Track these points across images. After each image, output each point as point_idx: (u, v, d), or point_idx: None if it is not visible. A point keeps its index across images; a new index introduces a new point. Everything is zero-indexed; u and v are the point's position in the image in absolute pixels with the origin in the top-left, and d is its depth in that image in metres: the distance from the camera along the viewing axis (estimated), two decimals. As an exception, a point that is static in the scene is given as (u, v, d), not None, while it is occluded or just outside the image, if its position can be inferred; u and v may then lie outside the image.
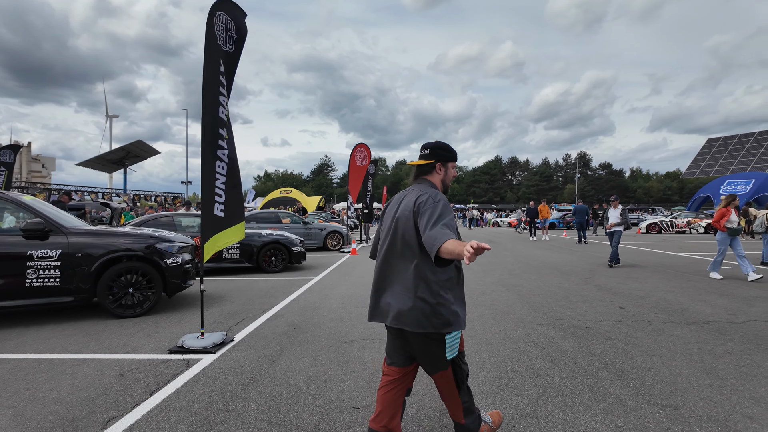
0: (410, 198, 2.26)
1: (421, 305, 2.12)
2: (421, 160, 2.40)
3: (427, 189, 2.28)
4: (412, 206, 2.19)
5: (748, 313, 5.67)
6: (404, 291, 2.17)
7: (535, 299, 6.69)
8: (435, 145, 2.41)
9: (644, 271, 9.48)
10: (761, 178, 22.87)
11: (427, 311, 2.11)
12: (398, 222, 2.25)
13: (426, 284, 2.13)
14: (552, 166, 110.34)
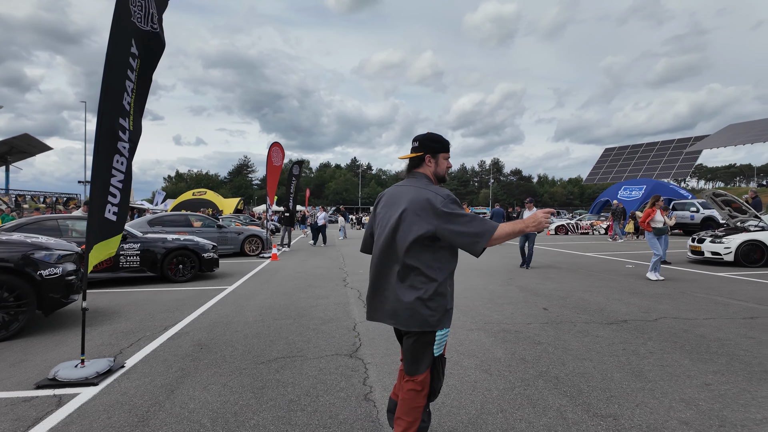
0: (415, 196, 2.19)
1: (418, 303, 2.12)
2: (412, 153, 2.35)
3: (428, 185, 2.24)
4: (424, 205, 2.14)
5: (659, 311, 5.95)
6: (402, 289, 2.16)
7: (462, 302, 6.55)
8: (424, 137, 2.35)
9: (560, 272, 9.87)
10: (651, 183, 25.49)
11: (423, 309, 2.12)
12: (402, 220, 2.18)
13: (425, 281, 2.14)
14: (469, 171, 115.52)
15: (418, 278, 2.15)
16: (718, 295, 6.95)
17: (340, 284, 8.36)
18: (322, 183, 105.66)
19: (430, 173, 2.34)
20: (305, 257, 13.77)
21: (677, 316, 5.61)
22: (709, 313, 5.80)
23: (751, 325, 5.14)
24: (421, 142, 2.33)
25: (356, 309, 6.20)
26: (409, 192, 2.23)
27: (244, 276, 9.62)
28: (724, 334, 4.77)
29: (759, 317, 5.54)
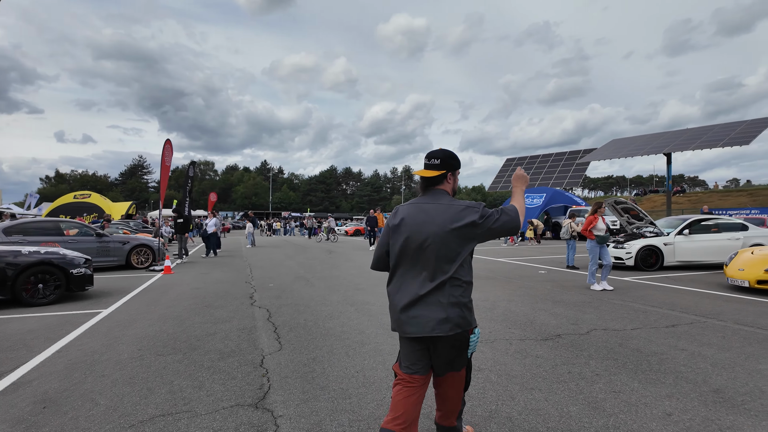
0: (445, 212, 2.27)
1: (457, 310, 2.22)
2: (432, 171, 2.39)
3: (455, 201, 2.32)
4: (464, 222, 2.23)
5: (587, 322, 5.77)
6: (440, 300, 2.22)
7: (387, 320, 5.87)
8: (444, 155, 2.40)
9: (478, 280, 9.66)
10: (551, 192, 27.27)
11: (461, 314, 2.23)
12: (439, 237, 2.24)
13: (459, 289, 2.25)
14: (381, 177, 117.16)
15: (457, 288, 2.25)
16: (632, 302, 7.06)
17: (246, 303, 7.25)
18: (229, 186, 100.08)
19: (449, 189, 2.41)
20: (206, 269, 12.25)
21: (606, 327, 5.45)
22: (633, 322, 5.73)
23: (675, 334, 5.08)
24: (442, 160, 2.38)
25: (265, 336, 5.22)
26: (441, 209, 2.29)
27: (127, 295, 8.06)
28: (657, 347, 4.61)
29: (678, 324, 5.57)
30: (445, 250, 2.23)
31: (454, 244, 2.23)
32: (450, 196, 2.39)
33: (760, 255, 7.85)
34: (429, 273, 2.26)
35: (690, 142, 32.64)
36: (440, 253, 2.23)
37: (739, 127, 30.97)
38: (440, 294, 2.23)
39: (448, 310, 2.22)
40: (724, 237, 11.03)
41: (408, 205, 2.40)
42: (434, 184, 2.39)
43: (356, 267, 12.34)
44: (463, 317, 2.24)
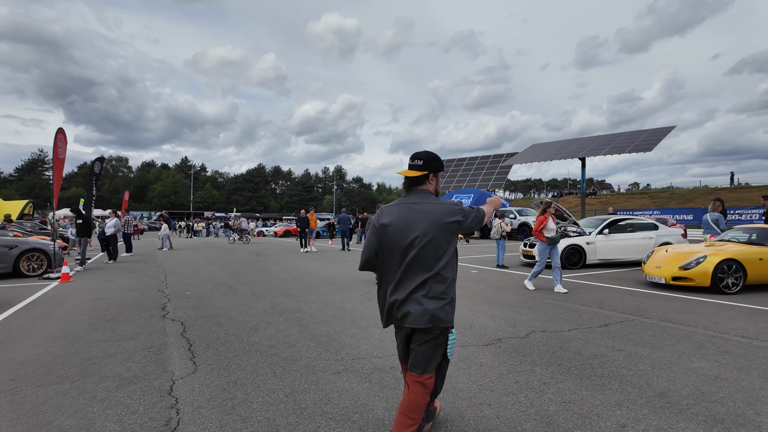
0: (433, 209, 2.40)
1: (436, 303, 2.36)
2: (415, 171, 2.48)
3: (440, 201, 2.44)
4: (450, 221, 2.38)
5: (524, 324, 5.68)
6: (426, 295, 2.36)
7: (321, 330, 5.38)
8: (428, 157, 2.50)
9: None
10: (478, 193, 28.11)
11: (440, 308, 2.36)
12: (427, 236, 2.35)
13: (442, 285, 2.38)
14: (313, 177, 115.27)
15: (440, 284, 2.37)
16: (564, 301, 7.16)
17: (156, 315, 6.38)
18: (145, 185, 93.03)
19: (432, 189, 2.51)
20: (112, 276, 10.90)
21: (544, 329, 5.37)
22: (568, 322, 5.73)
23: (610, 334, 5.11)
24: (425, 161, 2.48)
25: (177, 355, 4.51)
26: (430, 208, 2.40)
27: (9, 309, 6.81)
28: (595, 348, 4.57)
29: (610, 323, 5.64)
30: (434, 247, 2.36)
31: (442, 241, 2.37)
32: (434, 196, 2.50)
33: (674, 253, 8.36)
34: (417, 269, 2.38)
35: (601, 147, 35.35)
36: (429, 250, 2.36)
37: (642, 136, 34.06)
38: (424, 289, 2.36)
39: (428, 304, 2.35)
40: (639, 236, 11.78)
41: (395, 205, 2.49)
42: (417, 184, 2.50)
43: (285, 270, 11.63)
44: (443, 312, 2.37)
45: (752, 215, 27.15)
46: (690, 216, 29.57)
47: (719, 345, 4.67)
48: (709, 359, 4.21)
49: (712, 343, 4.72)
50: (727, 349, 4.54)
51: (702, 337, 4.95)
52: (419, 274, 2.38)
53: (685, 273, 7.79)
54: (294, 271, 11.32)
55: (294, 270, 11.66)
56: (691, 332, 5.18)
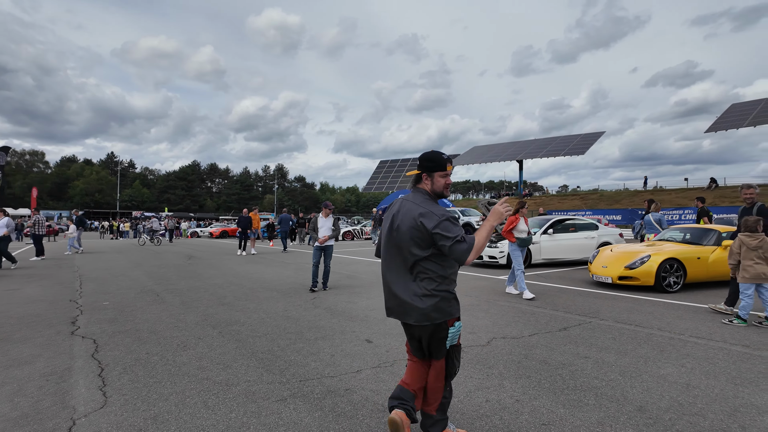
0: (410, 211, 2.46)
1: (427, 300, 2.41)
2: (413, 171, 2.63)
3: (424, 202, 2.46)
4: (415, 220, 2.40)
5: (483, 329, 5.37)
6: (408, 289, 2.45)
7: (262, 345, 4.74)
8: (421, 157, 2.58)
9: (364, 283, 8.96)
10: (423, 193, 28.16)
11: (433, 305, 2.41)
12: (399, 231, 2.47)
13: (432, 282, 2.43)
14: (252, 175, 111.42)
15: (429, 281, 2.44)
16: (517, 303, 6.97)
17: (63, 332, 5.41)
18: (65, 181, 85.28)
19: (428, 189, 2.55)
20: (17, 284, 9.46)
21: (504, 335, 5.08)
22: (526, 326, 5.49)
23: (571, 339, 4.91)
24: (420, 162, 2.57)
25: (84, 382, 3.71)
26: (410, 207, 2.48)
27: None
28: (561, 356, 4.31)
29: (568, 327, 5.47)
30: (408, 243, 2.41)
31: (415, 240, 2.40)
32: (426, 196, 2.52)
33: (619, 253, 8.49)
34: (403, 263, 2.47)
35: (538, 150, 36.87)
36: (407, 245, 2.42)
37: (575, 140, 35.90)
38: (414, 284, 2.44)
39: (419, 301, 2.41)
40: (581, 236, 12.05)
41: (399, 199, 2.62)
42: (416, 183, 2.59)
43: (221, 275, 10.70)
44: (436, 309, 2.41)
45: (673, 216, 29.30)
46: (618, 216, 31.46)
47: (679, 348, 4.58)
48: (674, 364, 4.08)
49: (672, 346, 4.63)
50: (688, 351, 4.45)
51: (660, 340, 4.87)
52: (401, 268, 2.48)
53: (630, 272, 7.91)
54: (231, 276, 10.43)
55: (231, 274, 10.76)
56: (648, 334, 5.10)
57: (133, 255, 17.04)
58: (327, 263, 8.39)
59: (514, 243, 7.64)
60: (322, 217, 8.43)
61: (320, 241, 8.26)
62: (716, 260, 7.97)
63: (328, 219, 8.43)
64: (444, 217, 2.35)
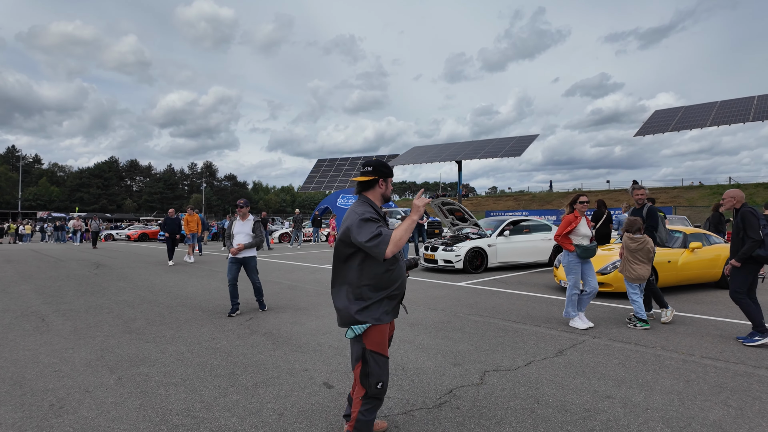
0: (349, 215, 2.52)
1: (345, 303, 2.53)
2: (365, 176, 2.59)
3: (358, 207, 2.53)
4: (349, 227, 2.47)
5: (467, 358, 4.36)
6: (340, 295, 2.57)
7: (176, 401, 3.37)
8: (377, 164, 2.62)
9: (310, 295, 7.67)
10: (364, 193, 27.09)
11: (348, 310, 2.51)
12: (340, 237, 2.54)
13: (349, 287, 2.53)
14: (177, 173, 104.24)
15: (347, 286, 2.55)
16: (490, 317, 6.08)
17: None
18: (-50, 178, 74.35)
19: (378, 194, 2.63)
20: None
21: (497, 367, 4.10)
22: (517, 352, 4.56)
23: (576, 369, 4.03)
24: (375, 168, 2.60)
25: None
26: (348, 212, 2.56)
27: None
28: (577, 396, 3.39)
29: (563, 350, 4.61)
30: (342, 247, 2.54)
31: (347, 244, 2.51)
32: (367, 203, 2.57)
33: (588, 256, 7.91)
34: (336, 268, 2.61)
35: (476, 152, 37.18)
36: (340, 250, 2.55)
37: (511, 142, 36.59)
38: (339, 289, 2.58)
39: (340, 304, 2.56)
40: (537, 237, 11.56)
41: None
42: (364, 190, 2.64)
43: (133, 289, 8.88)
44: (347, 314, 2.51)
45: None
46: (553, 217, 32.40)
47: (704, 376, 3.84)
48: (716, 402, 3.29)
49: (695, 374, 3.89)
50: (718, 382, 3.72)
51: (675, 364, 4.13)
52: (337, 274, 2.60)
53: (602, 278, 7.33)
54: (144, 290, 8.65)
55: (145, 288, 8.96)
56: (657, 356, 4.35)
57: (25, 264, 14.33)
58: (253, 279, 6.61)
59: (572, 253, 5.65)
60: (239, 221, 6.60)
61: (233, 251, 6.41)
62: (686, 263, 7.62)
63: (246, 222, 6.57)
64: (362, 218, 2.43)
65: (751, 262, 4.82)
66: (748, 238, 4.76)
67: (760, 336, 4.69)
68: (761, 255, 4.76)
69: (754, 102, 23.64)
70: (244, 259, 6.52)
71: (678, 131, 24.33)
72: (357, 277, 2.50)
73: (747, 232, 4.77)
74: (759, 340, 4.67)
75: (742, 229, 4.84)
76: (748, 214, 4.85)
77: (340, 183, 48.26)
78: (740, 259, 4.82)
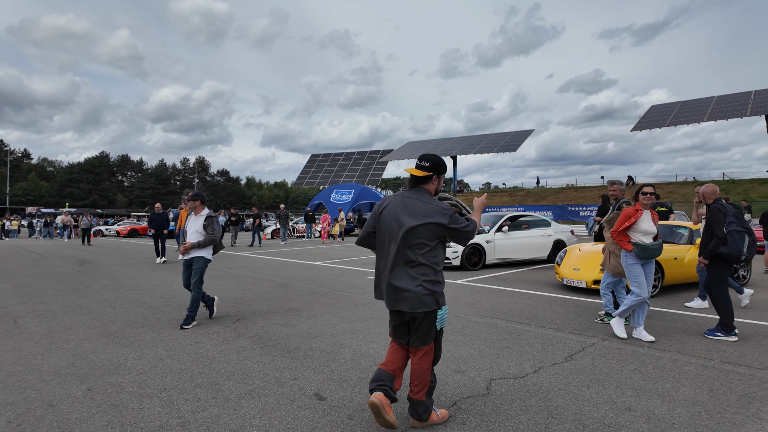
0: (423, 206, 2.70)
1: (420, 289, 2.66)
2: (421, 171, 2.81)
3: (433, 200, 2.76)
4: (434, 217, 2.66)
5: (471, 364, 4.04)
6: (410, 278, 2.67)
7: (151, 415, 3.02)
8: (434, 160, 2.82)
9: (303, 294, 7.32)
10: (359, 188, 26.72)
11: (424, 292, 2.66)
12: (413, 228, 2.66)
13: (428, 270, 2.70)
14: (170, 169, 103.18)
15: (424, 270, 2.69)
16: (491, 317, 5.77)
17: None
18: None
19: (432, 189, 2.85)
20: None
21: (504, 375, 3.78)
22: (524, 357, 4.25)
23: (591, 376, 3.72)
24: (431, 164, 2.81)
25: None
26: (419, 205, 2.71)
27: None
28: (594, 409, 3.08)
29: (572, 354, 4.31)
30: (418, 239, 2.67)
31: (425, 236, 2.67)
32: (430, 195, 2.82)
33: (591, 254, 7.64)
34: (403, 258, 2.69)
35: (471, 147, 36.87)
36: (413, 241, 2.67)
37: (506, 138, 36.33)
38: (408, 274, 2.68)
39: (414, 289, 2.65)
40: (536, 234, 11.27)
41: (394, 196, 2.84)
42: (420, 183, 2.82)
43: (116, 288, 8.47)
44: (428, 295, 2.67)
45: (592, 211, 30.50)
46: (549, 212, 32.19)
47: (729, 384, 3.55)
48: (747, 415, 2.99)
49: (718, 381, 3.59)
50: (746, 391, 3.42)
51: (695, 370, 3.83)
52: (405, 262, 2.69)
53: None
54: (129, 290, 8.25)
55: (129, 287, 8.56)
56: (674, 361, 4.05)
57: (7, 261, 13.85)
58: (195, 287, 5.51)
59: (630, 253, 4.83)
60: (192, 216, 5.73)
61: (181, 250, 5.51)
62: (692, 260, 7.34)
63: (198, 218, 5.65)
64: (453, 211, 2.70)
65: (719, 258, 4.81)
66: (714, 235, 4.81)
67: (723, 333, 4.70)
68: (723, 253, 4.75)
69: (751, 97, 23.51)
70: (192, 259, 5.60)
71: (675, 126, 24.17)
72: (437, 262, 2.74)
73: (713, 229, 4.82)
74: (719, 337, 4.70)
75: (711, 225, 4.87)
76: (716, 211, 4.87)
77: (334, 178, 47.81)
78: (707, 257, 4.87)
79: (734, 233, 4.72)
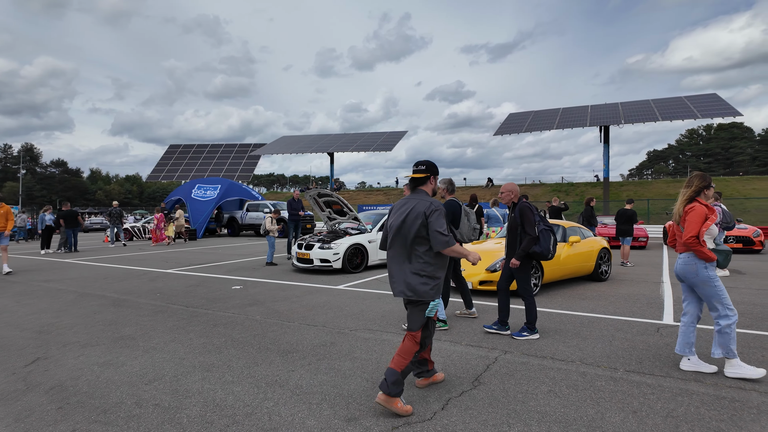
0: (419, 206, 3.06)
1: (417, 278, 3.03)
2: (420, 173, 3.20)
3: (426, 197, 3.13)
4: (424, 212, 3.02)
5: (365, 402, 3.14)
6: (411, 270, 3.06)
7: None
8: (429, 164, 3.26)
9: (136, 315, 5.70)
10: (226, 183, 24.24)
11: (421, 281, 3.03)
12: (407, 223, 3.06)
13: (428, 265, 3.05)
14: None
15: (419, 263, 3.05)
16: (384, 331, 4.98)
17: None
18: None
19: (430, 189, 3.24)
20: None
21: (407, 419, 2.96)
22: (438, 386, 3.50)
23: (502, 403, 3.10)
24: (427, 167, 3.24)
25: None
26: (415, 204, 3.09)
27: None
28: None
29: (480, 376, 3.69)
30: (412, 232, 3.03)
31: (417, 230, 3.02)
32: (426, 195, 3.18)
33: (476, 251, 7.34)
34: (401, 250, 3.10)
35: (348, 144, 36.50)
36: (408, 235, 3.05)
37: (383, 137, 36.73)
38: (410, 265, 3.06)
39: (410, 279, 3.04)
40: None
41: (400, 200, 3.23)
42: (419, 185, 3.23)
43: None
44: (423, 284, 3.03)
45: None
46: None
47: (652, 403, 3.20)
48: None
49: (639, 401, 3.24)
50: (671, 409, 3.09)
51: (609, 385, 3.46)
52: (403, 254, 3.10)
53: (492, 276, 6.81)
54: None
55: None
56: (583, 374, 3.67)
57: None
58: None
59: (711, 264, 3.62)
60: None
61: None
62: (567, 257, 7.51)
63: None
64: (438, 208, 3.02)
65: (526, 256, 4.81)
66: (525, 234, 4.71)
67: (528, 332, 4.72)
68: (537, 252, 4.76)
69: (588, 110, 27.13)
70: None
71: (530, 132, 26.74)
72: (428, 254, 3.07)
73: (524, 228, 4.74)
74: (526, 336, 4.69)
75: (519, 224, 4.79)
76: (525, 210, 4.80)
77: (197, 172, 43.40)
78: (519, 258, 4.74)
79: (544, 232, 4.78)
